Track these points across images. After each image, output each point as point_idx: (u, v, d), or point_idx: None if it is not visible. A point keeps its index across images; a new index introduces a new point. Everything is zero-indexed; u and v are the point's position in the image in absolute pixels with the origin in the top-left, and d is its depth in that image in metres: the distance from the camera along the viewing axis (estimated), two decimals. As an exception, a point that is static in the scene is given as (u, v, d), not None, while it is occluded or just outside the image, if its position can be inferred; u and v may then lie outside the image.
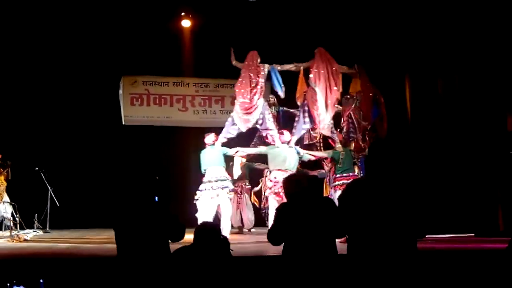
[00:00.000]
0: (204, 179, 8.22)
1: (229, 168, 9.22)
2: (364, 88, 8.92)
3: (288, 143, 8.48)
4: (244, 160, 10.07)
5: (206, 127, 12.41)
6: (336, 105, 8.92)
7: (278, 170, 8.11)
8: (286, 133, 8.60)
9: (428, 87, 10.59)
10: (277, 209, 3.94)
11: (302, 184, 3.89)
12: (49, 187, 10.36)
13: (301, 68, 9.24)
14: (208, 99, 12.53)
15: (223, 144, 8.64)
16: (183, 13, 11.06)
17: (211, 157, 8.32)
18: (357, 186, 3.47)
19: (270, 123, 8.77)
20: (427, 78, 10.66)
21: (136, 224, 3.83)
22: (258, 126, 8.86)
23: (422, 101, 10.74)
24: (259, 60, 8.99)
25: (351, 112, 8.99)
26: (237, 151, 8.90)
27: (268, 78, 9.16)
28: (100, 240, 8.46)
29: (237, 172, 10.16)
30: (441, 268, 5.94)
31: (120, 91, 12.03)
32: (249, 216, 10.22)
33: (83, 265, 5.57)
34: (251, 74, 8.85)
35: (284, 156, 8.23)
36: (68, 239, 8.76)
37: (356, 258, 3.24)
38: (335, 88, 8.66)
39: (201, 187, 8.22)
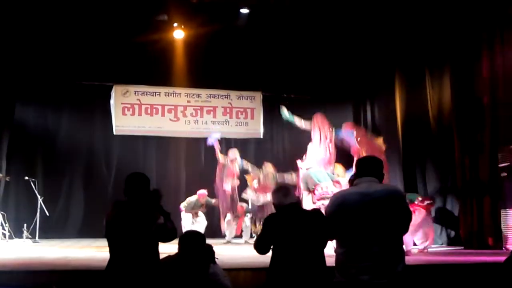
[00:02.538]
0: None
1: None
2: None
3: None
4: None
5: (198, 138, 12.54)
6: None
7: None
8: None
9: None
10: (265, 219, 3.97)
11: (291, 196, 3.94)
12: (39, 197, 10.30)
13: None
14: (200, 110, 12.55)
15: None
16: (175, 24, 11.09)
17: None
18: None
19: None
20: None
21: (128, 232, 3.82)
22: None
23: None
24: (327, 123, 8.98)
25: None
26: None
27: None
28: (86, 249, 8.42)
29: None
30: (432, 282, 5.96)
31: (112, 101, 12.02)
32: None
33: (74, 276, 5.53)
34: (323, 134, 8.83)
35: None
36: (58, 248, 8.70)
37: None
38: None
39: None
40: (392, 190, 3.42)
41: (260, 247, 3.90)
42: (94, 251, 8.30)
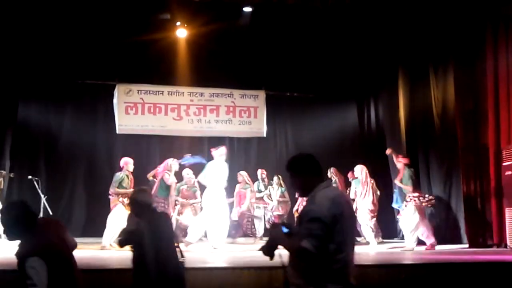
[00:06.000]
0: None
1: None
2: None
3: None
4: None
5: (201, 137, 12.52)
6: None
7: None
8: None
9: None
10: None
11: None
12: (42, 196, 10.29)
13: None
14: (203, 108, 12.52)
15: None
16: (178, 23, 11.06)
17: None
18: None
19: None
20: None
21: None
22: None
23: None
24: None
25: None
26: None
27: None
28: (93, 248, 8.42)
29: None
30: (437, 281, 5.93)
31: (115, 100, 11.99)
32: None
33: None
34: None
35: None
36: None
37: None
38: None
39: None
40: None
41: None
42: (97, 250, 8.30)
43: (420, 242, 8.95)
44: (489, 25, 9.23)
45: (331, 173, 10.51)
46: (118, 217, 8.53)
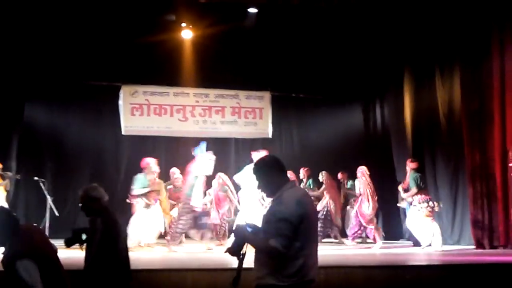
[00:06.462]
0: None
1: None
2: None
3: None
4: None
5: (206, 138, 12.52)
6: None
7: None
8: None
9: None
10: None
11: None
12: (49, 197, 10.31)
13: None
14: (208, 109, 12.52)
15: None
16: (183, 24, 11.08)
17: None
18: None
19: None
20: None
21: None
22: None
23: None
24: None
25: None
26: None
27: None
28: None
29: None
30: (445, 282, 5.91)
31: (120, 101, 12.02)
32: None
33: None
34: None
35: None
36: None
37: None
38: None
39: None
40: None
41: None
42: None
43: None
44: (495, 25, 9.18)
45: (323, 177, 10.52)
46: (144, 216, 8.91)
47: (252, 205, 8.84)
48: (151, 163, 9.46)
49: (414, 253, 8.87)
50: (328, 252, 8.46)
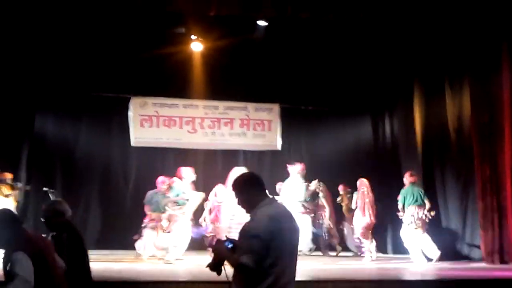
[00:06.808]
0: None
1: None
2: None
3: None
4: None
5: (215, 150, 12.55)
6: None
7: None
8: None
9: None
10: None
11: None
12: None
13: None
14: (217, 121, 12.55)
15: None
16: (193, 36, 11.15)
17: None
18: None
19: None
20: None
21: None
22: None
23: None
24: None
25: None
26: None
27: None
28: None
29: None
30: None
31: (130, 113, 12.08)
32: None
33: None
34: None
35: None
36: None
37: None
38: None
39: None
40: None
41: None
42: (111, 263, 8.32)
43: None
44: (505, 38, 9.15)
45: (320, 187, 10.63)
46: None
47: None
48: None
49: (425, 267, 8.78)
50: (336, 266, 8.40)
